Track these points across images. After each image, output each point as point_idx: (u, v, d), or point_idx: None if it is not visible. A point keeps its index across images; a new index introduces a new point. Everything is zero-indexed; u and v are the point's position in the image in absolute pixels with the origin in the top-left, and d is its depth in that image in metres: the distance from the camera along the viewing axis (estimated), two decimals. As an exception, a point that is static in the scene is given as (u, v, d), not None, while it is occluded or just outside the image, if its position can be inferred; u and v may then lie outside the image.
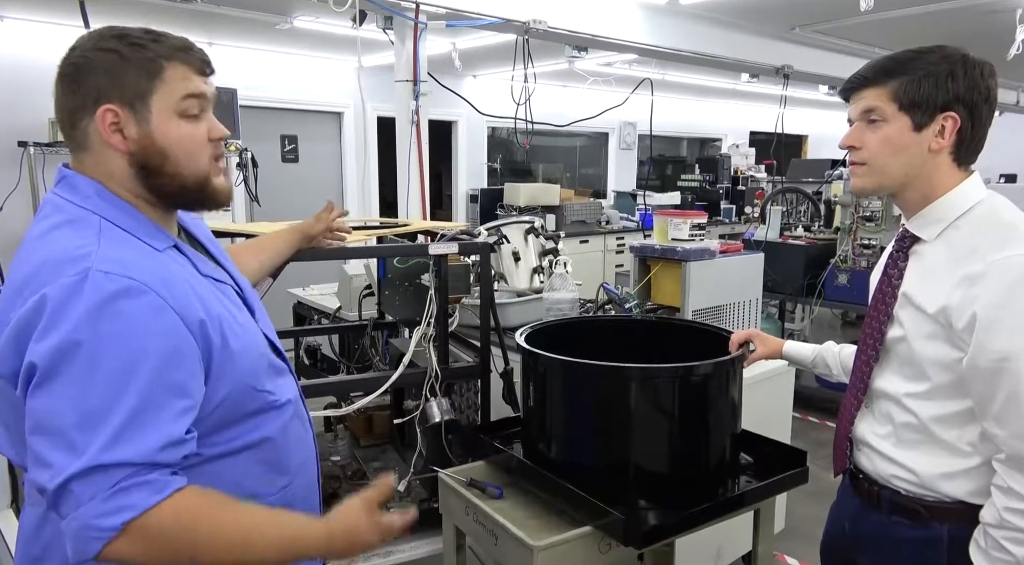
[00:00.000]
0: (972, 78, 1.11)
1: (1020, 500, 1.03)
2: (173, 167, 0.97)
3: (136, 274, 0.88)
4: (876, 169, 1.17)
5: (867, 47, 4.98)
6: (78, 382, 0.84)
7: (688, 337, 1.80)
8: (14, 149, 4.15)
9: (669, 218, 2.77)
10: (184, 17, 4.10)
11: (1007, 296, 1.04)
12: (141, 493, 0.84)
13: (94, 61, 0.94)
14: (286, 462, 1.08)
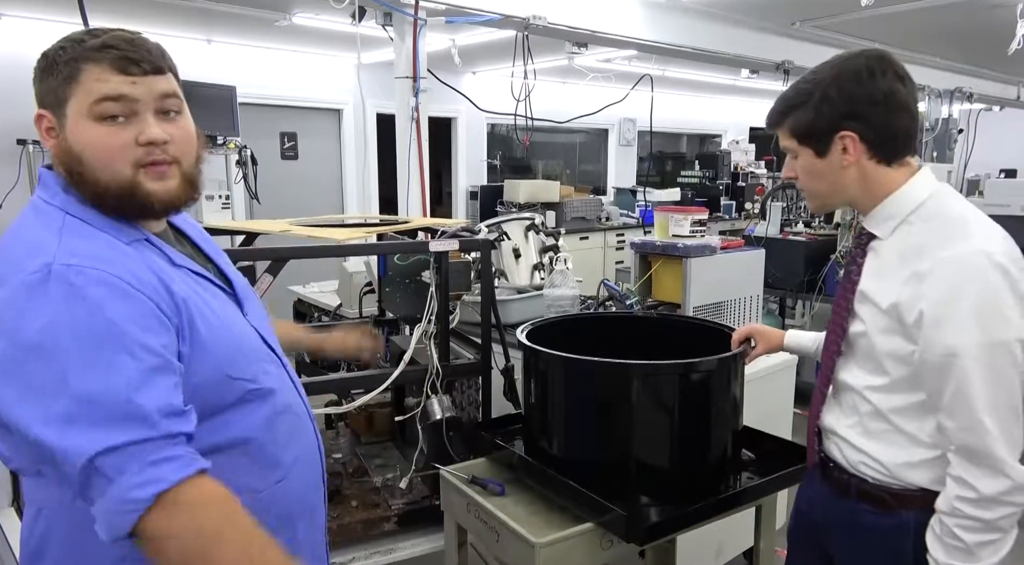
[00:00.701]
0: (847, 92, 1.14)
1: (970, 489, 1.06)
2: (90, 173, 0.93)
3: (100, 265, 0.88)
4: (812, 195, 1.25)
5: (868, 42, 4.96)
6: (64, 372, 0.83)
7: (689, 333, 1.80)
8: (13, 147, 4.14)
9: (670, 214, 2.77)
10: (182, 14, 4.09)
11: (952, 293, 1.06)
12: (170, 466, 0.85)
13: (39, 67, 0.96)
14: (277, 456, 1.05)
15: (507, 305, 2.39)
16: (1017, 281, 1.07)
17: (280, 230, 2.01)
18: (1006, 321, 1.05)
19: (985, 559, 1.07)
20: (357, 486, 2.01)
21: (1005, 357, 1.05)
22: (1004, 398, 1.06)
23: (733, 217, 7.09)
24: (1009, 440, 1.05)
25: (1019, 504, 1.06)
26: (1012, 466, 1.05)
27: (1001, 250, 1.08)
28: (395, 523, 1.86)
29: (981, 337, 1.05)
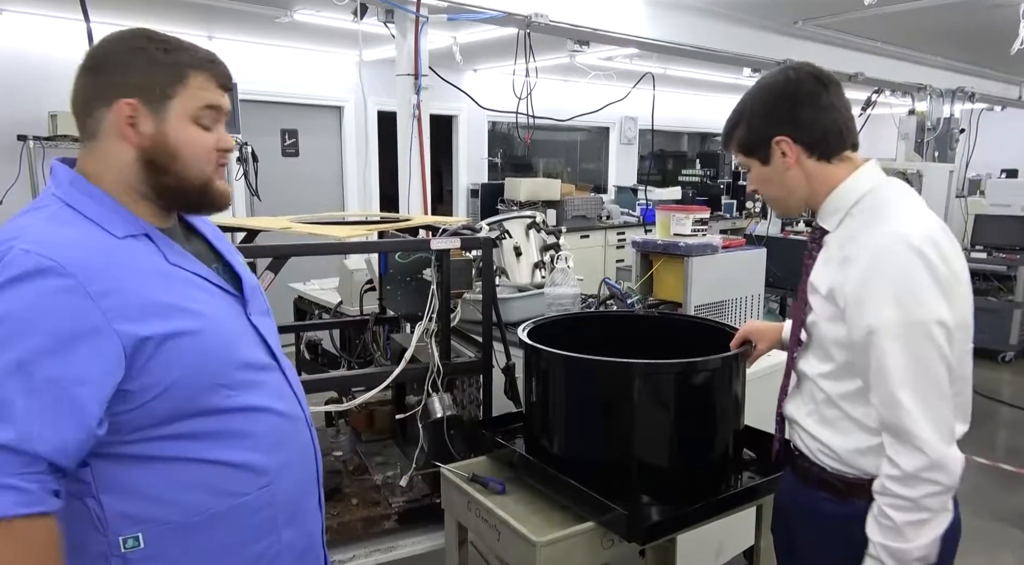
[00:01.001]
0: (771, 102, 1.25)
1: (894, 467, 1.09)
2: (180, 168, 1.00)
3: (57, 255, 0.88)
4: (770, 200, 1.34)
5: (870, 42, 4.96)
6: None
7: (691, 332, 1.80)
8: (14, 143, 4.14)
9: (672, 213, 2.77)
10: (184, 11, 4.08)
11: (870, 272, 1.12)
12: (11, 497, 0.82)
13: (121, 57, 0.99)
14: (262, 462, 1.04)
15: (508, 303, 2.39)
16: (934, 264, 1.09)
17: (281, 227, 2.01)
18: (919, 302, 1.08)
19: (913, 540, 1.08)
20: (358, 484, 2.01)
21: (922, 337, 1.08)
22: (923, 377, 1.08)
23: (734, 216, 7.09)
24: (930, 418, 1.07)
25: (940, 483, 1.07)
26: (929, 443, 1.07)
27: (921, 234, 1.11)
28: (395, 521, 1.86)
29: (897, 316, 1.08)
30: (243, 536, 1.03)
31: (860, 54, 5.14)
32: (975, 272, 5.44)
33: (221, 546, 1.01)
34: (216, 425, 0.99)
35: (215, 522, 1.00)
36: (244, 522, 1.02)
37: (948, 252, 1.13)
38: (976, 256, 5.61)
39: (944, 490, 1.07)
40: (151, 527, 0.96)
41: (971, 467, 3.64)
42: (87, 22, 2.05)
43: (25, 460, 0.83)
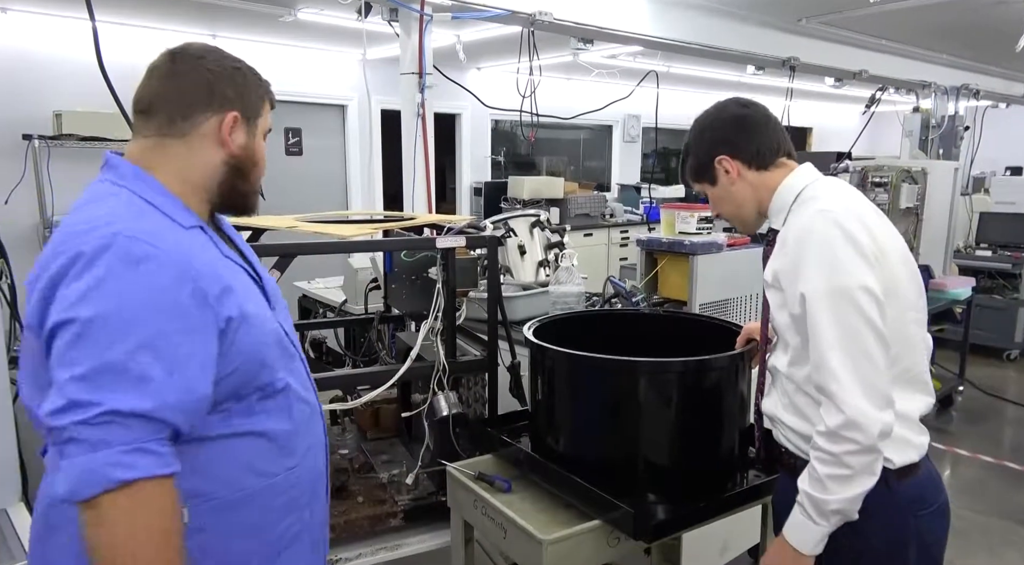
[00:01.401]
0: (706, 130, 1.41)
1: (821, 423, 1.17)
2: (255, 176, 1.17)
3: (159, 243, 0.96)
4: (730, 218, 1.47)
5: (874, 39, 4.95)
6: (103, 334, 0.90)
7: (696, 331, 1.80)
8: (19, 142, 4.14)
9: (676, 211, 2.76)
10: (188, 9, 4.08)
11: (799, 246, 1.21)
12: (151, 460, 0.90)
13: (228, 74, 1.11)
14: (293, 445, 1.12)
15: (513, 302, 2.39)
16: (854, 235, 1.17)
17: (287, 226, 2.01)
18: (841, 268, 1.16)
19: (835, 493, 1.15)
20: (363, 482, 2.01)
21: (847, 302, 1.15)
22: (850, 340, 1.14)
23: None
24: (855, 380, 1.13)
25: (858, 442, 1.13)
26: (849, 403, 1.13)
27: (843, 209, 1.21)
28: (401, 519, 1.86)
29: (822, 283, 1.17)
30: (273, 514, 1.10)
31: (864, 51, 5.12)
32: (980, 270, 5.43)
33: (253, 525, 1.07)
34: (261, 409, 1.07)
35: (250, 501, 1.06)
36: (274, 501, 1.10)
37: (873, 225, 1.22)
38: (981, 254, 5.59)
39: (862, 449, 1.13)
40: (197, 502, 1.01)
41: (975, 464, 3.68)
42: (92, 21, 2.05)
43: (159, 427, 0.92)
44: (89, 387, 0.88)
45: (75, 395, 0.88)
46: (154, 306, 0.93)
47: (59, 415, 0.88)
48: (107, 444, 0.88)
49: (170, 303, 0.94)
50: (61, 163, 4.26)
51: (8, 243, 1.81)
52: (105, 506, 0.88)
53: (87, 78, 1.66)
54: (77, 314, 0.90)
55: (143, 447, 0.90)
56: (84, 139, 4.16)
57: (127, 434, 0.89)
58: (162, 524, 0.92)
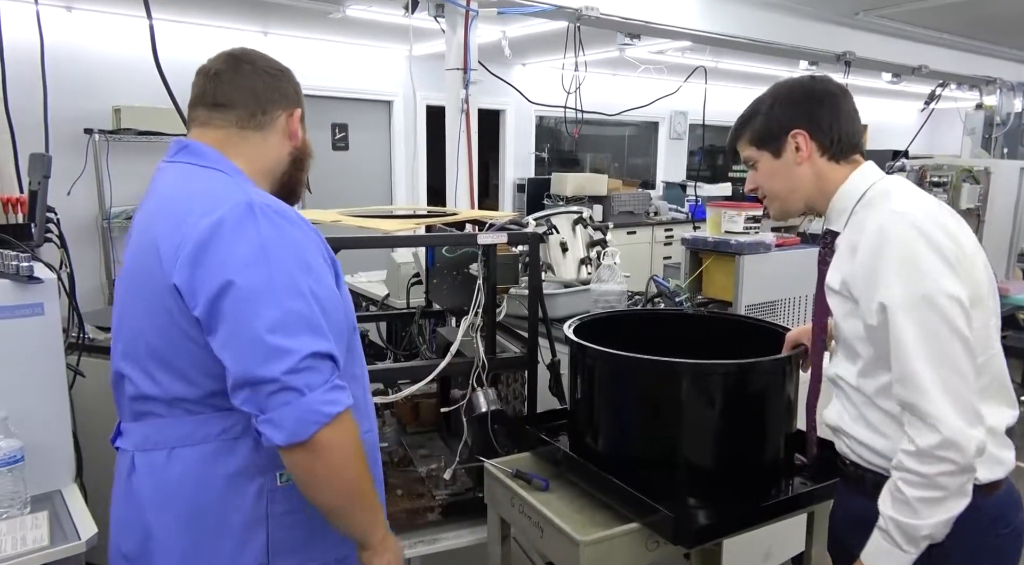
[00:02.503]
0: (794, 97, 1.28)
1: (910, 442, 1.08)
2: (307, 168, 1.27)
3: (285, 210, 1.08)
4: (773, 197, 1.34)
5: (935, 33, 4.75)
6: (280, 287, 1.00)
7: (741, 332, 1.75)
8: (80, 136, 4.31)
9: (723, 210, 2.71)
10: (241, 8, 4.18)
11: (875, 251, 1.12)
12: (343, 393, 1.03)
13: (287, 75, 1.23)
14: (367, 408, 1.25)
15: (554, 299, 2.38)
16: (936, 240, 1.09)
17: (331, 220, 2.04)
18: (925, 275, 1.07)
19: (927, 517, 1.06)
20: (402, 475, 2.02)
21: (932, 311, 1.07)
22: (938, 352, 1.06)
23: (786, 213, 6.90)
24: (946, 395, 1.05)
25: (955, 462, 1.04)
26: (944, 421, 1.04)
27: (922, 211, 1.13)
28: (439, 514, 1.87)
29: (904, 291, 1.08)
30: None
31: (924, 46, 4.92)
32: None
33: None
34: (349, 369, 1.16)
35: None
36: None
37: (954, 229, 1.13)
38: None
39: (959, 470, 1.05)
40: None
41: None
42: (149, 19, 2.11)
43: (335, 365, 1.04)
44: (284, 336, 0.98)
45: (275, 342, 0.98)
46: (308, 262, 1.05)
47: (266, 366, 0.97)
48: (311, 387, 0.99)
49: (316, 258, 1.07)
50: (119, 156, 4.42)
51: (69, 234, 1.88)
52: (324, 440, 0.99)
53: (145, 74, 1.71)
54: (253, 272, 0.99)
55: (336, 384, 1.02)
56: (141, 133, 4.30)
57: (321, 376, 1.00)
58: (357, 442, 1.06)
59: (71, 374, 1.87)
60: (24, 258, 1.46)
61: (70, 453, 1.57)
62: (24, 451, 1.40)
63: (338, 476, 1.03)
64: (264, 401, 0.98)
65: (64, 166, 4.28)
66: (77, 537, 1.32)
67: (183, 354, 1.05)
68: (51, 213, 1.88)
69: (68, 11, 4.28)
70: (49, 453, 1.50)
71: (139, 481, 1.10)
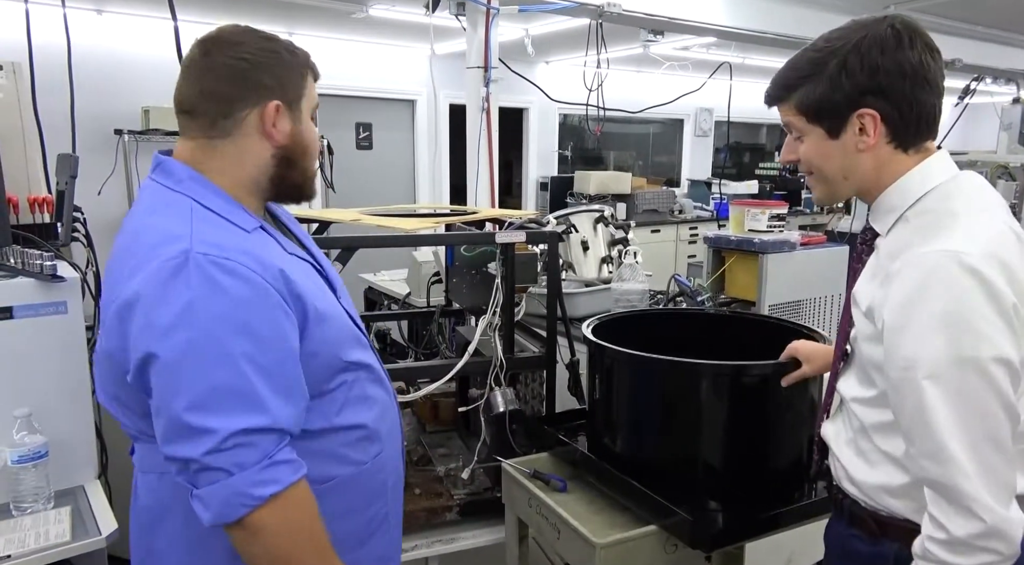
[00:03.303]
0: (871, 61, 0.97)
1: (940, 529, 0.91)
2: (307, 162, 1.09)
3: (232, 255, 0.94)
4: (819, 180, 1.08)
5: (969, 25, 4.62)
6: (204, 358, 0.90)
7: (764, 333, 1.72)
8: (110, 136, 4.39)
9: (746, 208, 2.66)
10: (266, 8, 4.22)
11: (913, 297, 0.91)
12: (286, 470, 0.94)
13: (263, 60, 1.03)
14: (378, 431, 1.14)
15: (574, 298, 2.36)
16: (997, 290, 0.88)
17: (351, 219, 2.04)
18: (977, 335, 0.88)
19: None
20: (421, 474, 2.02)
21: (977, 377, 0.88)
22: (978, 426, 0.89)
23: (815, 211, 6.79)
24: (986, 475, 0.89)
25: (999, 552, 0.89)
26: (986, 506, 0.88)
27: (982, 251, 0.90)
28: (457, 513, 1.87)
29: (946, 351, 0.89)
30: (363, 499, 1.13)
31: (958, 39, 4.79)
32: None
33: (345, 509, 1.10)
34: (347, 401, 1.08)
35: (341, 488, 1.09)
36: (364, 486, 1.12)
37: (1016, 267, 0.91)
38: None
39: (1003, 560, 0.90)
40: None
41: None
42: (174, 20, 2.14)
43: (281, 436, 0.95)
44: (206, 414, 0.89)
45: (195, 423, 0.89)
46: (245, 321, 0.92)
47: (184, 446, 0.89)
48: (242, 467, 0.90)
49: (258, 315, 0.93)
50: (147, 156, 4.49)
51: (99, 233, 1.91)
52: (257, 523, 0.91)
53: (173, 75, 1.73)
54: (173, 341, 0.89)
55: (275, 459, 0.92)
56: (168, 133, 4.37)
57: (256, 452, 0.91)
58: (311, 521, 0.97)
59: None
60: (48, 257, 1.48)
61: (93, 449, 1.60)
62: (48, 447, 1.42)
63: (278, 559, 0.94)
64: (193, 478, 0.91)
65: (94, 166, 4.37)
66: (98, 532, 1.34)
67: (137, 401, 0.98)
68: (78, 213, 1.92)
69: (99, 14, 4.36)
70: (72, 449, 1.53)
71: (139, 500, 1.09)
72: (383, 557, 1.19)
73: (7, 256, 1.53)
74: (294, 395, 0.97)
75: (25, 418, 1.41)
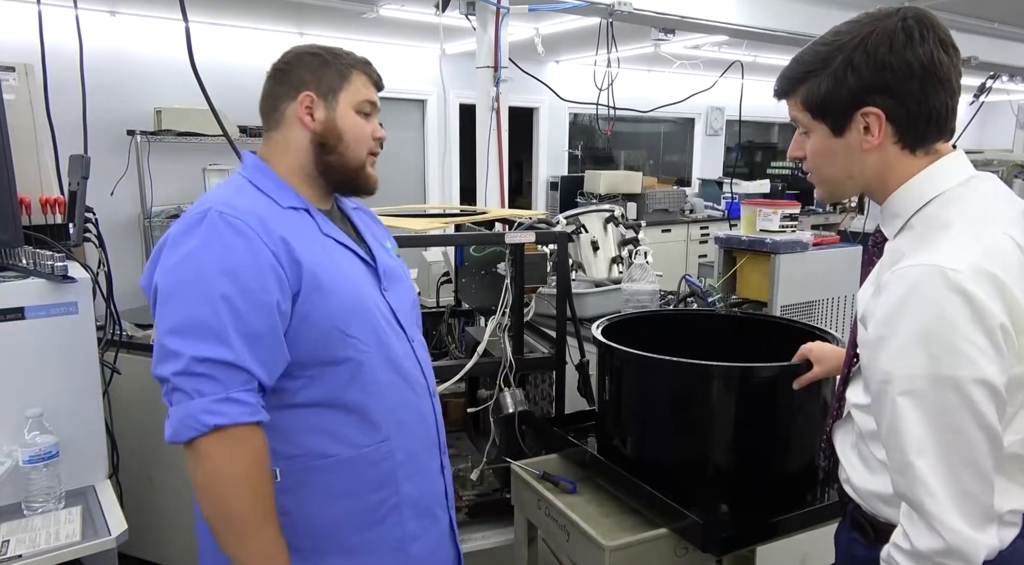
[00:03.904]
0: (878, 58, 0.93)
1: (904, 539, 0.90)
2: (344, 148, 1.19)
3: (242, 216, 1.07)
4: (821, 179, 1.05)
5: (986, 23, 4.57)
6: (189, 294, 1.02)
7: (776, 334, 1.70)
8: (123, 137, 4.42)
9: (758, 208, 2.64)
10: (277, 9, 4.23)
11: (896, 311, 0.89)
12: (239, 409, 1.01)
13: (301, 61, 1.19)
14: (380, 417, 1.17)
15: (583, 299, 2.35)
16: (984, 308, 0.84)
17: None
18: (958, 355, 0.85)
19: None
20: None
21: (955, 398, 0.85)
22: (953, 446, 0.86)
23: (827, 211, 6.73)
24: (957, 497, 0.86)
25: None
26: (949, 526, 0.86)
27: (972, 266, 0.86)
28: (466, 514, 1.86)
29: (924, 369, 0.86)
30: (363, 484, 1.16)
31: (974, 36, 4.74)
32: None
33: (344, 490, 1.15)
34: (340, 376, 1.13)
35: (338, 468, 1.14)
36: (364, 472, 1.16)
37: (1016, 290, 0.86)
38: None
39: None
40: (287, 463, 1.11)
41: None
42: (185, 21, 2.14)
43: (245, 377, 1.02)
44: (179, 339, 1.01)
45: (169, 345, 1.01)
46: (231, 268, 1.03)
47: (160, 366, 1.02)
48: (201, 393, 1.00)
49: (246, 265, 1.04)
50: (159, 157, 4.52)
51: (112, 232, 1.92)
52: (202, 448, 1.00)
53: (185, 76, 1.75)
54: (169, 277, 1.04)
55: (231, 397, 1.00)
56: (181, 134, 4.39)
57: (216, 385, 1.00)
58: (252, 463, 1.02)
59: (108, 371, 1.91)
60: (59, 258, 1.49)
61: (103, 450, 1.60)
62: (59, 447, 1.43)
63: (211, 487, 1.02)
64: (168, 397, 1.03)
65: (107, 167, 4.40)
66: (108, 533, 1.35)
67: None
68: (90, 213, 1.92)
69: (112, 15, 4.39)
70: (83, 449, 1.54)
71: None
72: (396, 548, 1.21)
73: (19, 257, 1.53)
74: (262, 343, 1.04)
75: (36, 418, 1.41)
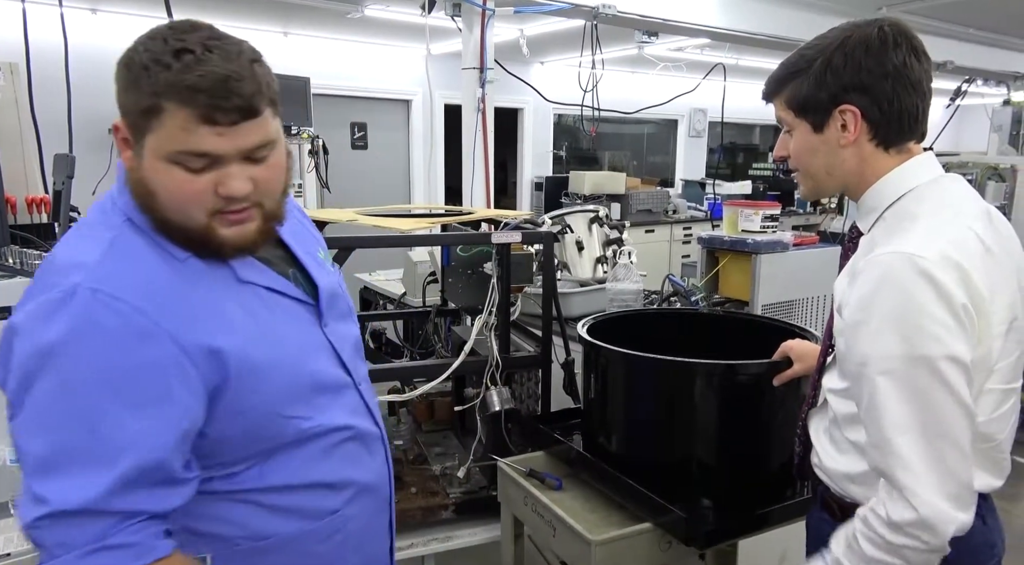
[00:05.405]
0: (855, 60, 1.02)
1: (881, 505, 0.97)
2: (161, 211, 0.86)
3: (126, 295, 0.81)
4: (805, 175, 1.14)
5: (961, 28, 4.67)
6: (51, 414, 0.79)
7: (756, 332, 1.74)
8: (105, 135, 4.37)
9: (740, 208, 2.68)
10: (261, 8, 4.22)
11: (870, 296, 0.97)
12: (119, 556, 0.79)
13: (120, 66, 0.86)
14: (333, 490, 1.01)
15: (569, 298, 2.37)
16: (948, 292, 0.92)
17: (347, 219, 2.05)
18: (926, 334, 0.92)
19: None
20: (417, 473, 2.04)
21: (928, 375, 0.92)
22: (930, 422, 0.93)
23: (808, 211, 6.82)
24: (930, 470, 0.93)
25: (925, 542, 0.93)
26: (922, 498, 0.93)
27: (938, 253, 0.93)
28: (453, 511, 1.88)
29: (898, 349, 0.93)
30: (312, 560, 0.99)
31: (950, 41, 4.84)
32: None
33: None
34: (289, 461, 0.96)
35: (285, 546, 0.96)
36: (312, 548, 0.99)
37: (976, 278, 0.94)
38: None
39: (928, 550, 0.94)
40: (223, 548, 0.93)
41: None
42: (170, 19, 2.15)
43: (118, 518, 0.81)
44: (41, 477, 0.78)
45: (32, 485, 0.79)
46: (113, 378, 0.79)
47: (21, 511, 0.79)
48: (65, 548, 0.78)
49: (133, 371, 0.80)
50: (142, 156, 4.49)
51: (92, 232, 1.90)
52: None
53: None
54: (25, 383, 0.79)
55: (106, 544, 0.79)
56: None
57: (82, 534, 0.78)
58: None
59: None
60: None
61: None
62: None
63: None
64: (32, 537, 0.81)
65: (90, 165, 4.34)
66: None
67: None
68: (75, 212, 1.92)
69: (93, 13, 4.36)
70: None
71: None
72: None
73: (5, 256, 1.53)
74: (156, 470, 0.82)
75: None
